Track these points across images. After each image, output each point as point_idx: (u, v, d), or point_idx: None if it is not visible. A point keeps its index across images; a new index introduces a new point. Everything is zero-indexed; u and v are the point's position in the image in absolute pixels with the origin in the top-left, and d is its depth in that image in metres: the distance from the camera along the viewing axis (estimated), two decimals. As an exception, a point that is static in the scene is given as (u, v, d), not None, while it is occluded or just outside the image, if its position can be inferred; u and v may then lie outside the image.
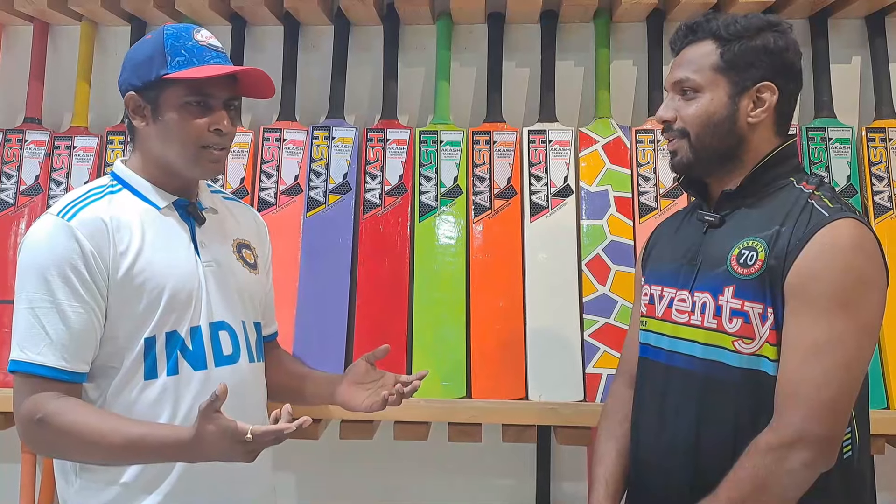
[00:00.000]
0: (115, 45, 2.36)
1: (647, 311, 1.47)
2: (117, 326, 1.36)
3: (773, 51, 1.35)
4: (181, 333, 1.38)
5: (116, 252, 1.34)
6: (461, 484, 2.27)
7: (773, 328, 1.28)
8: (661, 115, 1.41)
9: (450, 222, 2.13)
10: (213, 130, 1.39)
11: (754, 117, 1.35)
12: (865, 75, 2.23)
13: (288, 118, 2.24)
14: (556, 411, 1.94)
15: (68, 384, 1.32)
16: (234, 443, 1.20)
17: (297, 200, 2.16)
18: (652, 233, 1.60)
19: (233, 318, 1.45)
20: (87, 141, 2.26)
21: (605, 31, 2.24)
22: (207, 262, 1.43)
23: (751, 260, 1.30)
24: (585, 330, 2.03)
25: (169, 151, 1.40)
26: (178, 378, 1.38)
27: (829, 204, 1.30)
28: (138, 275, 1.35)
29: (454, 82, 2.26)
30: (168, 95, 1.37)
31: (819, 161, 2.12)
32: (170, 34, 1.39)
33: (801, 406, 1.24)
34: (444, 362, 2.02)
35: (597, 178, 2.14)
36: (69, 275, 1.31)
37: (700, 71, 1.36)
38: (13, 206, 2.22)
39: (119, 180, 1.44)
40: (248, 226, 1.59)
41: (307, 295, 2.08)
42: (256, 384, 1.52)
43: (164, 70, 1.36)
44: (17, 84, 2.34)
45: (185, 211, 1.45)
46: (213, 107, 1.39)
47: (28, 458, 2.18)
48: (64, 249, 1.31)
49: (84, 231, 1.32)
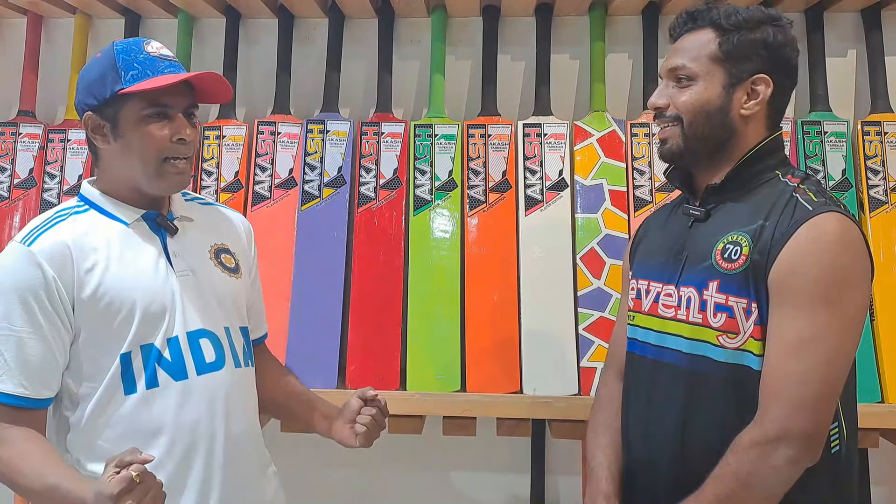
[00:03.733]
0: (110, 38, 2.31)
1: (635, 306, 1.47)
2: (91, 347, 1.34)
3: (772, 45, 1.34)
4: (157, 345, 1.36)
5: (80, 273, 1.32)
6: (455, 477, 2.27)
7: (758, 323, 1.28)
8: (654, 101, 1.40)
9: (444, 216, 2.13)
10: (176, 140, 1.36)
11: (747, 109, 1.35)
12: (861, 69, 2.23)
13: (282, 111, 2.24)
14: (550, 405, 1.94)
15: (29, 411, 1.31)
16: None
17: (291, 194, 2.16)
18: (639, 226, 1.60)
19: (213, 325, 1.43)
20: (81, 134, 2.21)
21: (600, 24, 2.23)
22: (182, 271, 1.41)
23: (735, 255, 1.30)
24: (580, 324, 2.03)
25: (133, 168, 1.37)
26: (157, 390, 1.36)
27: (813, 198, 1.29)
28: (106, 293, 1.33)
29: (449, 76, 2.25)
30: (126, 111, 1.35)
31: (814, 155, 2.12)
32: (119, 49, 1.37)
33: (784, 402, 1.23)
34: (439, 356, 2.03)
35: (592, 171, 2.14)
36: (30, 302, 1.29)
37: (697, 59, 1.35)
38: (7, 199, 2.22)
39: (86, 201, 1.42)
40: (227, 230, 1.56)
41: (302, 289, 2.08)
42: (245, 390, 1.50)
43: (119, 85, 1.33)
44: (11, 77, 2.34)
45: (155, 223, 1.42)
46: (173, 116, 1.37)
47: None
48: (23, 276, 1.30)
49: (45, 256, 1.31)
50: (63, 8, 2.27)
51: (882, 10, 2.20)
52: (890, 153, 2.10)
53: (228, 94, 1.46)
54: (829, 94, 2.18)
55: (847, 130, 2.14)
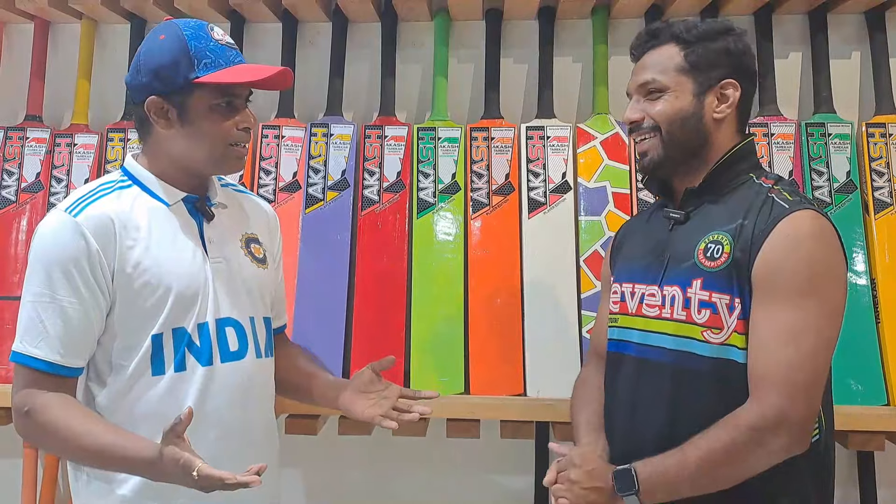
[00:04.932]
0: (115, 43, 2.37)
1: (620, 310, 1.49)
2: (124, 323, 1.36)
3: (734, 52, 1.42)
4: (188, 329, 1.39)
5: (122, 248, 1.35)
6: (459, 480, 2.27)
7: (741, 318, 1.32)
8: (629, 115, 1.45)
9: (448, 219, 2.13)
10: (241, 129, 1.41)
11: (719, 113, 1.41)
12: (865, 71, 2.22)
13: (286, 115, 2.25)
14: (553, 407, 1.93)
15: (62, 378, 1.34)
16: (184, 474, 1.20)
17: (295, 197, 2.17)
18: (618, 232, 1.64)
19: (240, 314, 1.46)
20: (88, 138, 2.27)
21: (602, 27, 2.23)
22: (215, 258, 1.44)
23: (717, 253, 1.35)
24: (583, 326, 2.02)
25: (197, 152, 1.40)
26: (185, 374, 1.39)
27: (788, 197, 1.36)
28: (144, 272, 1.36)
29: (452, 79, 2.26)
30: (197, 99, 1.37)
31: (818, 157, 2.11)
32: (189, 35, 1.37)
33: (780, 388, 1.27)
34: (442, 358, 2.03)
35: (595, 174, 2.14)
36: (72, 271, 1.32)
37: (665, 72, 1.41)
38: (14, 202, 2.23)
39: (129, 176, 1.44)
40: (258, 219, 1.59)
41: (306, 291, 2.09)
42: (263, 380, 1.52)
43: (194, 73, 1.35)
44: (18, 82, 2.35)
45: (194, 207, 1.45)
46: (238, 106, 1.41)
47: (30, 453, 2.19)
48: (68, 246, 1.32)
49: (90, 227, 1.33)
50: (69, 13, 2.28)
51: (886, 12, 2.19)
52: (895, 155, 2.09)
53: (290, 82, 1.48)
54: (833, 96, 2.17)
55: (851, 132, 2.13)
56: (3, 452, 2.28)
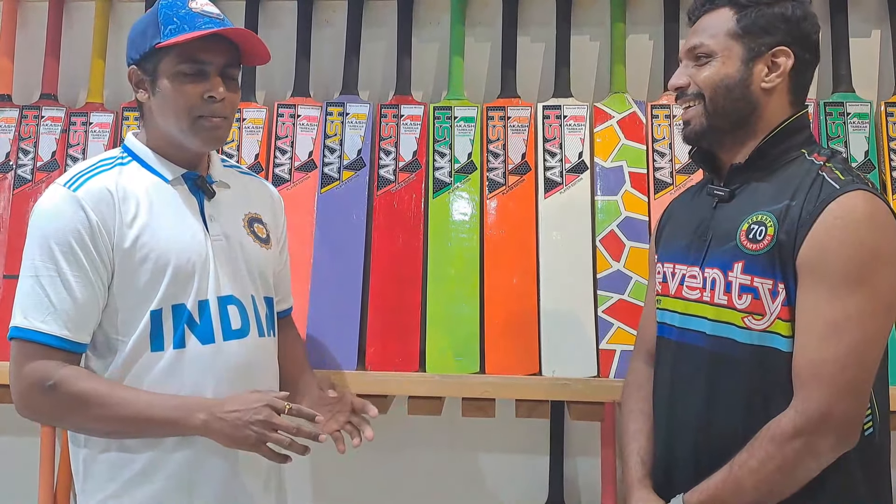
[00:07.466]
0: (130, 21, 2.29)
1: (662, 290, 1.46)
2: (123, 298, 1.37)
3: (790, 19, 1.33)
4: (188, 306, 1.39)
5: (122, 223, 1.35)
6: (474, 459, 2.28)
7: (785, 304, 1.25)
8: (674, 81, 1.40)
9: (464, 198, 2.13)
10: (206, 98, 1.38)
11: (768, 82, 1.34)
12: (885, 49, 2.20)
13: (302, 94, 2.24)
14: (569, 387, 1.94)
15: (69, 354, 1.34)
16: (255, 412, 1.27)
17: (311, 177, 2.17)
18: (665, 210, 1.59)
19: (241, 293, 1.46)
20: (103, 117, 2.27)
21: (620, 5, 2.21)
22: (216, 235, 1.44)
23: (760, 235, 1.28)
24: (599, 306, 2.02)
25: (168, 122, 1.40)
26: (185, 351, 1.39)
27: (840, 176, 1.27)
28: (143, 246, 1.36)
29: (468, 57, 2.25)
30: (163, 65, 1.37)
31: (837, 136, 2.10)
32: (164, 4, 1.38)
33: (825, 387, 1.20)
34: (458, 338, 2.03)
35: (612, 153, 2.13)
36: (73, 245, 1.32)
37: (715, 37, 1.35)
38: (30, 181, 2.23)
39: (129, 152, 1.44)
40: (261, 200, 1.59)
41: (321, 271, 2.09)
42: (267, 359, 1.53)
43: (157, 39, 1.36)
44: (33, 60, 2.35)
45: (195, 184, 1.45)
46: (209, 73, 1.38)
47: (48, 430, 2.20)
48: (69, 220, 1.32)
49: (90, 202, 1.33)
50: (84, -9, 2.28)
51: (907, -10, 2.17)
52: (914, 134, 2.08)
53: (265, 54, 1.46)
54: (852, 74, 2.15)
55: (870, 111, 2.11)
56: (21, 431, 2.29)
